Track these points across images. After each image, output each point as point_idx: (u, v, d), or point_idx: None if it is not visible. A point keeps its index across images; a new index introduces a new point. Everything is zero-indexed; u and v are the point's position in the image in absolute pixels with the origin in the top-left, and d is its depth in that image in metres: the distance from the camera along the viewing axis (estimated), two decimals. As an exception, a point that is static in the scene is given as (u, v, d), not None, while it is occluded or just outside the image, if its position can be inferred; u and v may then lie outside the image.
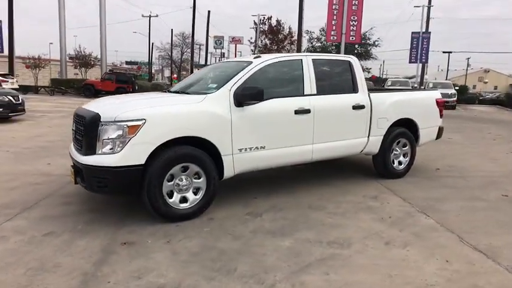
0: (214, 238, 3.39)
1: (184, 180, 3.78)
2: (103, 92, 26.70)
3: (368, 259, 3.00)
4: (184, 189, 3.79)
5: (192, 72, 44.37)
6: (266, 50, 35.20)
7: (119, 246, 3.21)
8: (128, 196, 4.21)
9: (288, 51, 35.90)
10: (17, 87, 23.52)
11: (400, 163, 5.64)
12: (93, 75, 36.58)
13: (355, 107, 4.91)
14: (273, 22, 34.76)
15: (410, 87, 22.66)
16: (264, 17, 35.19)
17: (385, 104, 5.28)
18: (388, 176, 5.48)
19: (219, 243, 3.28)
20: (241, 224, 3.72)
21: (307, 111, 4.47)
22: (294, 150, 4.48)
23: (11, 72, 29.19)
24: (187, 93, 4.41)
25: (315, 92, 4.63)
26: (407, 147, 5.65)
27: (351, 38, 14.74)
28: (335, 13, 14.45)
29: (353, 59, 5.15)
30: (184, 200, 3.81)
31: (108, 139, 3.48)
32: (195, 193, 3.87)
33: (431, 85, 23.82)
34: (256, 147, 4.17)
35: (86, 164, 3.56)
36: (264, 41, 35.59)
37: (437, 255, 3.06)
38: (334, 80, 5.02)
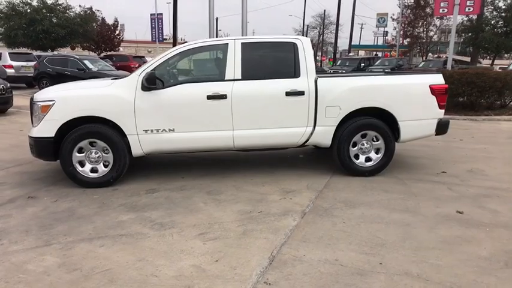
0: (86, 204, 3.97)
1: (93, 154, 4.44)
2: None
3: (156, 243, 3.07)
4: (94, 161, 4.46)
5: (334, 55, 43.64)
6: (410, 26, 31.72)
7: (23, 199, 4.15)
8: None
9: (438, 27, 31.46)
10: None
11: (368, 159, 4.88)
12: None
13: (289, 93, 4.54)
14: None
15: None
16: (409, -11, 31.56)
17: (337, 90, 4.65)
18: (351, 173, 4.85)
19: (81, 209, 3.85)
20: (126, 198, 4.16)
21: (223, 96, 4.45)
22: (209, 135, 4.55)
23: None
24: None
25: (239, 77, 4.52)
26: (379, 141, 4.83)
27: (466, 9, 12.06)
28: (447, -20, 12.08)
29: (301, 40, 4.70)
30: (95, 170, 4.48)
31: (34, 115, 4.43)
32: (106, 166, 4.49)
33: None
34: (164, 130, 4.46)
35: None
36: (409, 16, 32.04)
37: (210, 255, 2.88)
38: (270, 64, 4.74)
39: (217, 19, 53.75)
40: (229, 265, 2.72)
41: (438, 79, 4.87)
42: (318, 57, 48.86)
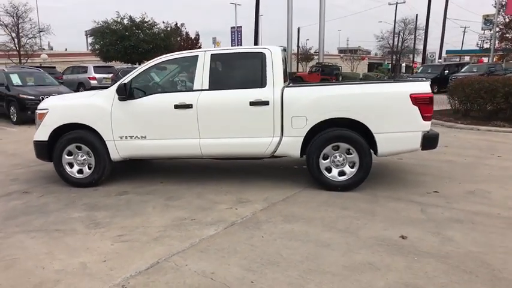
0: (61, 201, 4.45)
1: (79, 157, 4.97)
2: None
3: (75, 240, 3.36)
4: (80, 163, 4.99)
5: (423, 61, 40.53)
6: (508, 28, 28.02)
7: (18, 193, 4.81)
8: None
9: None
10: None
11: (342, 173, 4.57)
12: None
13: (254, 103, 4.51)
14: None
15: None
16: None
17: (303, 100, 4.47)
18: (324, 187, 4.60)
19: (52, 204, 4.34)
20: (96, 197, 4.55)
21: (189, 106, 4.61)
22: (178, 143, 4.74)
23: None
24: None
25: (207, 88, 4.65)
26: (353, 154, 4.50)
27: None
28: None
29: (270, 50, 4.63)
30: (81, 171, 5.01)
31: (36, 122, 5.13)
32: (90, 168, 4.99)
33: None
34: (137, 137, 4.79)
35: None
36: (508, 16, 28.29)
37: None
38: (238, 75, 4.76)
39: (298, 29, 54.24)
40: (110, 266, 2.87)
41: (422, 87, 4.35)
42: (403, 64, 45.79)
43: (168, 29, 27.59)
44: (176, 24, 30.84)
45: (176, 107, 4.64)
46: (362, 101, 4.40)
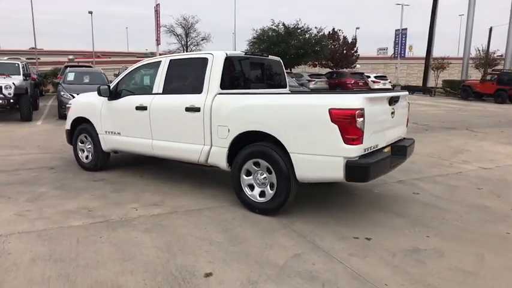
0: (57, 177, 5.53)
1: (87, 145, 6.02)
2: (482, 95, 23.99)
3: (3, 208, 4.24)
4: (86, 150, 6.03)
5: None
6: None
7: (47, 168, 6.21)
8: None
9: None
10: (389, 87, 26.58)
11: (262, 194, 4.07)
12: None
13: (188, 109, 4.51)
14: None
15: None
16: None
17: (226, 110, 4.18)
18: (246, 206, 4.21)
19: (44, 180, 5.45)
20: (79, 180, 5.43)
21: (145, 108, 4.98)
22: (139, 141, 5.17)
23: (425, 74, 31.28)
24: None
25: (161, 92, 4.91)
26: (272, 174, 3.94)
27: None
28: None
29: (213, 55, 4.48)
30: (87, 157, 6.05)
31: (67, 114, 6.45)
32: (92, 155, 5.98)
33: None
34: (114, 132, 5.47)
35: None
36: None
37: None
38: (186, 80, 4.79)
39: (491, 29, 45.27)
40: (-27, 230, 3.58)
41: (347, 101, 3.42)
42: None
43: (320, 34, 27.80)
44: (333, 29, 30.87)
45: (137, 108, 5.08)
46: (276, 114, 3.82)
